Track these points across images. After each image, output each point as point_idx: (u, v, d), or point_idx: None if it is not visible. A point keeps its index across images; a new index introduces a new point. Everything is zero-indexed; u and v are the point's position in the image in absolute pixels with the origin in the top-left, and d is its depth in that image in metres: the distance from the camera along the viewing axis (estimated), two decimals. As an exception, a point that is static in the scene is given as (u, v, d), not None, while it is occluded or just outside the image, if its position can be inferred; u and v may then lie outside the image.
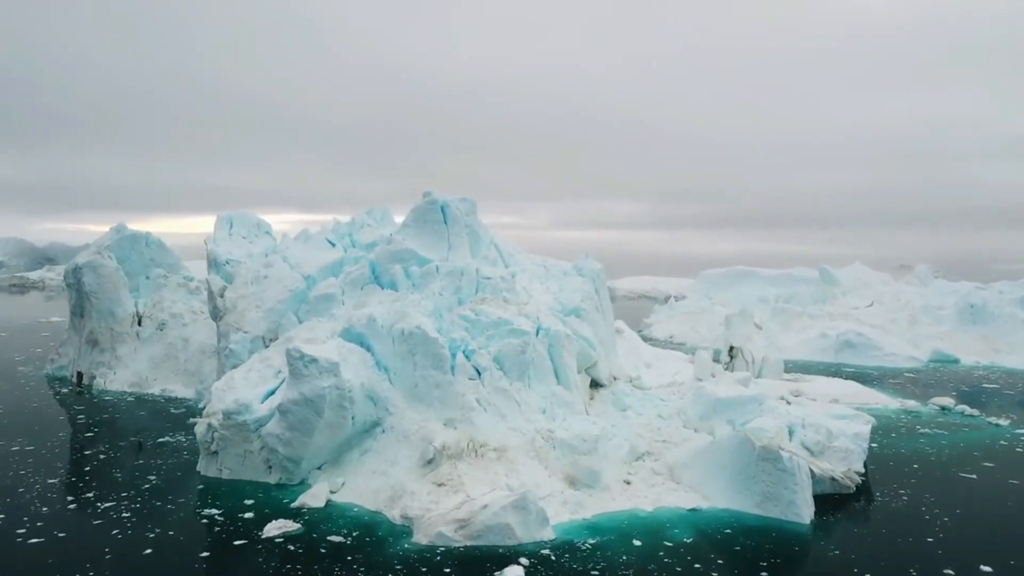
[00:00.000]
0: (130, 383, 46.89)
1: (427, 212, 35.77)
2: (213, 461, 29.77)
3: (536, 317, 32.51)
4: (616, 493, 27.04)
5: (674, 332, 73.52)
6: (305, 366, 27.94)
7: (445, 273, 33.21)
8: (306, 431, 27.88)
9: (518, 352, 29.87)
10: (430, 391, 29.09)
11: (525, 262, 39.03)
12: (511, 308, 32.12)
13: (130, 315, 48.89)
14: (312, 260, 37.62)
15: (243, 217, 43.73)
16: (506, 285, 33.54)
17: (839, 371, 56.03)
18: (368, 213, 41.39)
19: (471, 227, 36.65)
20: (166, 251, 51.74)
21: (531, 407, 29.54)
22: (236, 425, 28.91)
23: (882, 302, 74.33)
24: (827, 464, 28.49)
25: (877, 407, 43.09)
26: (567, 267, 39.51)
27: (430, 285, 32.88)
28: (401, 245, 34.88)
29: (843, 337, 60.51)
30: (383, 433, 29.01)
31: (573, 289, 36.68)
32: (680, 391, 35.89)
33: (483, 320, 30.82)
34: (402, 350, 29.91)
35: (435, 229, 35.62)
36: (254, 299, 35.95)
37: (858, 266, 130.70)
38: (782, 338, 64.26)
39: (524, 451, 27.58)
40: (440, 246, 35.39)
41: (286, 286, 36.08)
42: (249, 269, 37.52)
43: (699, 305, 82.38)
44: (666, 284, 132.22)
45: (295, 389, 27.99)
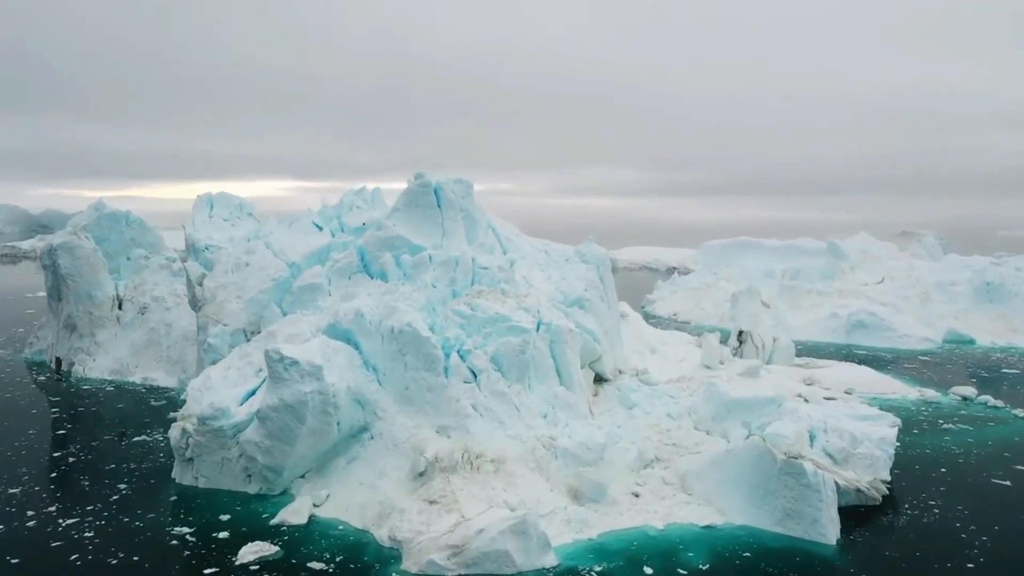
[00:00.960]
0: (110, 370, 44.69)
1: (419, 195, 33.28)
2: (188, 468, 27.61)
3: (536, 311, 30.17)
4: (624, 508, 24.89)
5: (678, 309, 71.25)
6: (285, 369, 25.65)
7: (439, 263, 30.81)
8: (287, 439, 25.67)
9: (517, 352, 27.57)
10: (422, 394, 26.83)
11: (525, 247, 36.60)
12: (509, 301, 29.76)
13: (109, 298, 46.54)
14: (297, 246, 35.18)
15: (224, 198, 41.12)
16: (504, 275, 31.15)
17: (851, 353, 53.84)
18: (357, 193, 38.85)
19: (467, 211, 34.18)
20: (147, 230, 49.21)
21: (531, 411, 27.30)
22: (212, 431, 26.70)
23: (893, 278, 71.95)
24: (852, 473, 26.34)
25: (895, 397, 40.96)
26: (569, 252, 37.08)
27: (422, 276, 30.50)
28: (391, 231, 32.43)
29: (855, 317, 58.21)
30: (371, 440, 26.81)
31: (576, 277, 34.29)
32: (690, 386, 33.67)
33: (479, 316, 28.48)
34: (392, 349, 27.61)
35: (428, 213, 33.14)
36: (235, 289, 33.58)
37: (863, 236, 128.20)
38: (790, 317, 61.99)
39: (524, 462, 25.38)
40: (433, 232, 32.94)
41: (269, 275, 33.70)
42: (230, 256, 35.10)
43: (703, 280, 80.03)
44: (667, 255, 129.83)
45: (275, 394, 25.72)
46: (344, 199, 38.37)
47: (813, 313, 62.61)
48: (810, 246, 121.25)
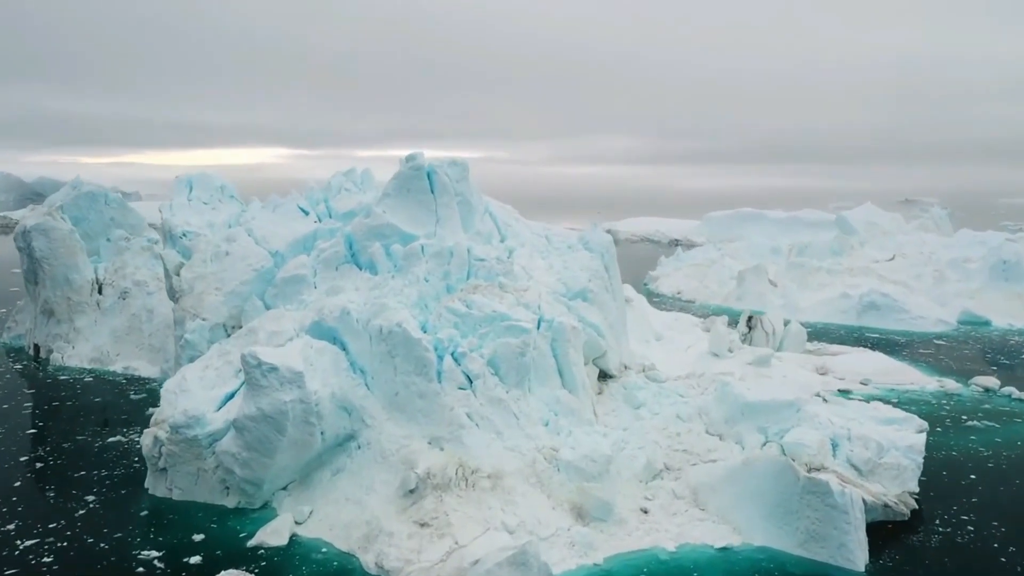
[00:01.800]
0: (90, 358, 42.62)
1: (411, 179, 30.92)
2: (162, 479, 25.61)
3: (537, 306, 27.99)
4: (632, 527, 22.91)
5: (682, 287, 69.05)
6: (263, 376, 23.52)
7: (432, 254, 28.56)
8: (266, 451, 23.61)
9: (516, 355, 25.42)
10: (413, 401, 24.73)
11: (524, 232, 34.30)
12: (508, 297, 27.56)
13: (88, 282, 44.32)
14: (281, 232, 32.90)
15: (204, 178, 38.65)
16: (502, 267, 28.92)
17: (863, 337, 51.77)
18: (346, 175, 36.45)
19: (462, 195, 31.85)
20: (128, 210, 46.83)
21: (531, 419, 25.21)
22: (186, 441, 24.65)
23: (904, 254, 69.69)
24: (878, 486, 24.35)
25: (913, 389, 38.97)
26: (572, 239, 34.78)
27: (414, 268, 28.26)
28: (381, 219, 30.14)
29: (867, 298, 56.02)
30: (359, 450, 24.77)
31: (579, 267, 32.05)
32: (700, 384, 31.54)
33: (475, 314, 26.29)
34: (381, 351, 25.47)
35: (420, 199, 30.81)
36: (214, 280, 31.36)
37: (869, 207, 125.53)
38: (799, 297, 59.85)
39: (523, 477, 23.34)
40: (426, 219, 30.65)
41: (250, 265, 31.46)
42: (209, 243, 32.82)
43: (707, 256, 77.70)
44: (669, 226, 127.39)
45: (252, 403, 23.62)
46: (332, 181, 35.98)
47: (823, 292, 60.43)
48: (816, 218, 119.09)
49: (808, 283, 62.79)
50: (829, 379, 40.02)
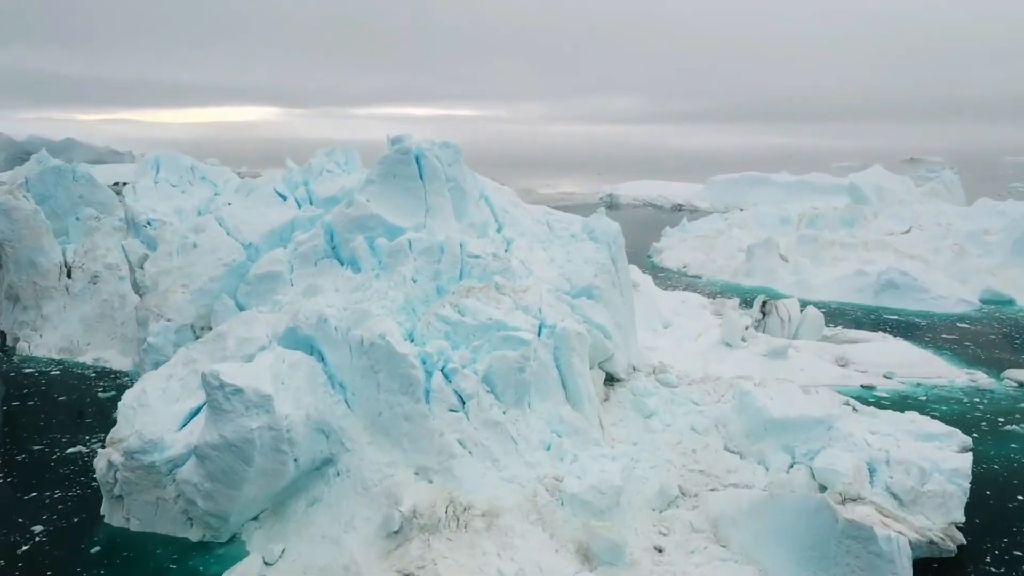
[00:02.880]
0: (59, 348, 39.79)
1: (397, 164, 27.78)
2: (119, 507, 22.91)
3: (538, 309, 25.07)
4: (646, 569, 20.23)
5: (688, 261, 66.02)
6: (226, 399, 20.67)
7: (420, 250, 25.54)
8: (231, 483, 20.87)
9: (515, 370, 22.56)
10: (397, 423, 21.93)
11: (524, 219, 31.23)
12: (505, 300, 24.60)
13: (56, 266, 41.30)
14: (255, 221, 29.83)
15: (173, 159, 35.39)
16: (499, 264, 25.94)
17: (880, 319, 48.92)
18: (328, 155, 33.23)
19: (455, 180, 28.73)
20: (97, 187, 43.61)
21: (531, 443, 22.41)
22: (142, 468, 21.88)
23: (920, 226, 66.57)
24: (922, 519, 21.66)
25: (941, 383, 36.22)
26: (575, 226, 31.70)
27: (400, 267, 25.26)
28: (364, 209, 27.06)
29: (884, 276, 53.00)
30: (337, 477, 22.03)
31: (584, 259, 29.05)
32: (717, 389, 28.76)
33: (468, 322, 23.36)
34: (362, 364, 22.60)
35: (408, 186, 27.70)
36: (180, 275, 28.38)
37: (877, 170, 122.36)
38: (812, 274, 56.87)
39: (523, 513, 20.61)
40: (415, 208, 27.57)
41: (220, 258, 28.46)
42: (176, 233, 29.76)
43: (714, 227, 74.65)
44: (673, 190, 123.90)
45: (214, 429, 20.80)
46: (313, 162, 32.78)
47: (837, 269, 57.40)
48: (823, 183, 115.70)
49: (821, 258, 59.75)
50: (850, 372, 37.29)
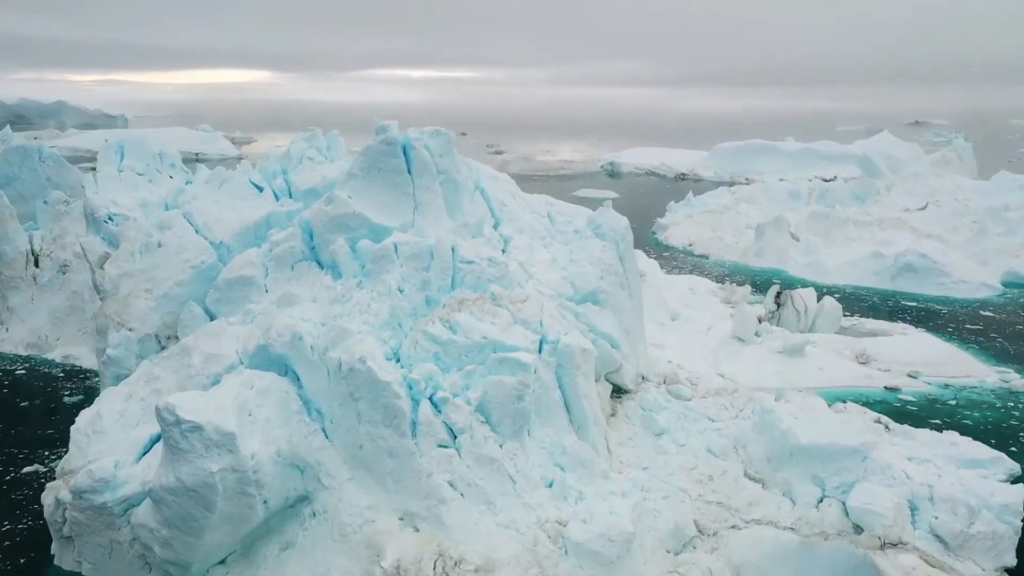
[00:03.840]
0: (26, 343, 37.29)
1: (382, 156, 24.95)
2: (69, 548, 20.50)
3: (539, 322, 22.48)
4: (660, 630, 17.88)
5: (694, 239, 63.18)
6: (183, 436, 18.13)
7: (408, 255, 22.83)
8: (191, 530, 18.41)
9: (513, 398, 20.00)
10: (380, 459, 19.44)
11: (523, 214, 28.44)
12: (502, 314, 21.97)
13: (22, 254, 38.60)
14: (227, 217, 27.05)
15: (139, 144, 32.40)
16: (496, 271, 23.25)
17: (899, 305, 46.39)
18: (308, 139, 30.33)
19: (447, 172, 25.93)
20: (66, 169, 40.71)
21: (531, 480, 19.92)
22: (93, 508, 19.42)
23: (937, 202, 63.71)
24: (971, 565, 19.29)
25: (971, 384, 33.79)
26: (579, 220, 28.91)
27: (385, 274, 22.58)
28: (345, 206, 24.29)
29: (902, 259, 50.29)
30: (313, 518, 19.60)
31: (589, 260, 26.35)
32: (735, 403, 26.26)
33: (460, 341, 20.75)
34: (341, 391, 20.06)
35: (395, 181, 24.91)
36: (143, 279, 25.68)
37: (886, 136, 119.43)
38: (825, 255, 54.15)
39: (522, 567, 18.19)
40: (402, 206, 24.81)
41: (188, 260, 25.74)
42: (139, 230, 26.99)
43: (721, 202, 71.74)
44: (676, 158, 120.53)
45: (170, 471, 18.29)
46: (292, 148, 29.89)
47: (851, 250, 54.67)
48: (831, 151, 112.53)
49: (834, 237, 57.01)
50: (872, 371, 34.81)
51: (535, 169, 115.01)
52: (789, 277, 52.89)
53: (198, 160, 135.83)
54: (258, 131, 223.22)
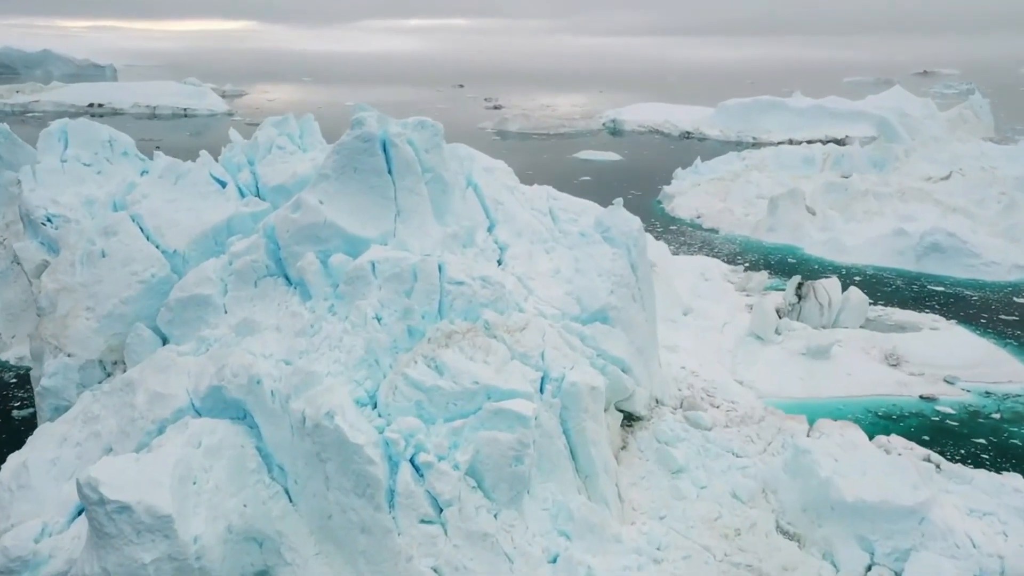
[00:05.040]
0: (-24, 342, 34.03)
1: (358, 154, 21.46)
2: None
3: (540, 355, 19.27)
4: None
5: (702, 210, 59.60)
6: (109, 519, 14.99)
7: (387, 276, 19.51)
8: (126, 625, 15.36)
9: (510, 460, 16.83)
10: (352, 535, 16.35)
11: (521, 213, 25.01)
12: (497, 348, 18.71)
13: (-27, 243, 35.11)
14: (183, 220, 23.61)
15: (86, 129, 28.69)
16: (490, 293, 19.95)
17: (924, 290, 43.15)
18: (278, 125, 26.71)
19: (434, 170, 22.47)
20: (17, 145, 36.85)
21: (531, 557, 16.85)
22: (11, 591, 16.39)
23: (961, 171, 60.05)
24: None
25: (1014, 392, 30.68)
26: (585, 219, 25.49)
27: (360, 299, 19.29)
28: (316, 215, 20.88)
29: (928, 238, 46.86)
30: (274, 601, 16.57)
31: (597, 271, 22.99)
32: (762, 434, 23.18)
33: (447, 388, 17.50)
34: (306, 449, 16.90)
35: (373, 183, 21.46)
36: (85, 295, 22.35)
37: (898, 91, 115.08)
38: (844, 232, 50.73)
39: (520, 673, 15.22)
40: (381, 212, 21.40)
41: (136, 273, 22.37)
42: (81, 236, 23.57)
43: (730, 168, 68.08)
44: (680, 116, 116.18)
45: (95, 559, 15.19)
46: (260, 135, 26.28)
47: (872, 226, 51.17)
48: (841, 108, 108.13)
49: (853, 212, 53.45)
50: (904, 376, 31.66)
51: (535, 127, 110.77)
52: (805, 256, 49.59)
53: (186, 115, 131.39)
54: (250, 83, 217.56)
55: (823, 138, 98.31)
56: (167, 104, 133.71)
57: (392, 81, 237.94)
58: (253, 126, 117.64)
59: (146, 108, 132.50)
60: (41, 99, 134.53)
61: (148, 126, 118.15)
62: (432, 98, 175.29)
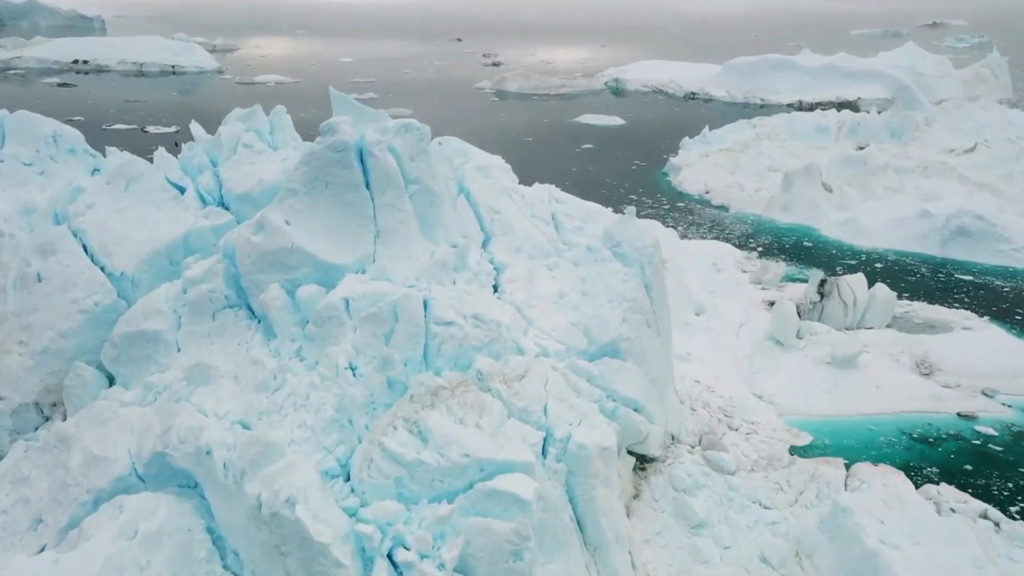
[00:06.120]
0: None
1: (330, 165, 18.42)
2: None
3: (542, 409, 16.50)
4: None
5: (711, 184, 56.36)
6: (22, 645, 12.32)
7: (363, 316, 16.65)
8: None
9: (507, 555, 14.10)
10: (319, 645, 13.71)
11: (520, 222, 21.99)
12: (492, 408, 15.86)
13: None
14: (134, 235, 20.60)
15: (27, 123, 25.38)
16: (484, 333, 17.12)
17: (951, 279, 40.28)
18: (244, 119, 23.43)
19: (420, 181, 19.46)
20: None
21: (533, 667, 14.24)
22: None
23: (987, 142, 56.67)
24: None
25: (1059, 408, 28.05)
26: (593, 229, 22.43)
27: (332, 345, 16.46)
28: (281, 238, 17.92)
29: (955, 221, 43.80)
30: None
31: (607, 294, 20.07)
32: (792, 481, 20.53)
33: (431, 465, 14.69)
34: (264, 539, 14.17)
35: (348, 199, 18.47)
36: (17, 326, 19.47)
37: (911, 49, 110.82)
38: (863, 212, 47.67)
39: None
40: (359, 233, 18.45)
41: (76, 301, 19.44)
42: (16, 254, 20.60)
43: (740, 137, 64.67)
44: (686, 75, 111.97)
45: None
46: (224, 132, 23.05)
47: (892, 205, 48.10)
48: (852, 66, 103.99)
49: (872, 188, 50.32)
50: (938, 388, 28.94)
51: (535, 87, 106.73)
52: (821, 239, 46.62)
53: (175, 73, 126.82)
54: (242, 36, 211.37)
55: (834, 99, 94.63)
56: (154, 61, 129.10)
57: (388, 34, 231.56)
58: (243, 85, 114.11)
59: (132, 65, 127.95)
60: (24, 55, 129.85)
61: (135, 84, 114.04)
62: (429, 53, 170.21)
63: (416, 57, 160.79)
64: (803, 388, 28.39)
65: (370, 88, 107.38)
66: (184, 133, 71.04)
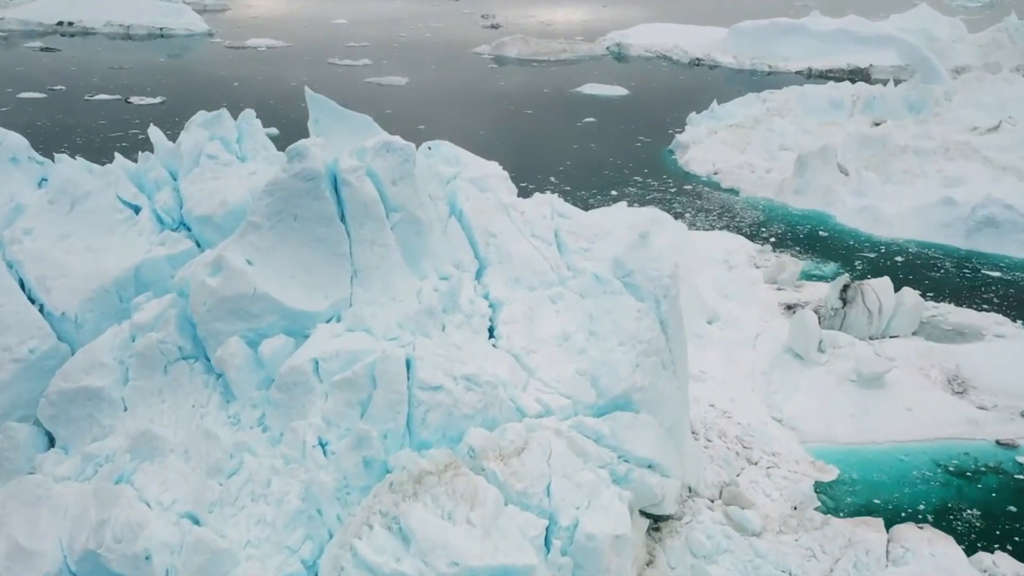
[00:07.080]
0: None
1: (298, 196, 15.82)
2: None
3: (545, 491, 14.14)
4: None
5: (719, 164, 53.44)
6: None
7: (336, 381, 14.21)
8: None
9: None
10: None
11: (519, 246, 19.39)
12: (485, 494, 13.50)
13: None
14: (79, 267, 18.02)
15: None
16: (477, 398, 14.70)
17: (978, 275, 37.78)
18: (207, 125, 20.67)
19: (405, 208, 16.87)
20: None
21: None
22: None
23: (1012, 120, 53.81)
24: None
25: (1105, 434, 25.74)
26: (602, 252, 19.87)
27: (299, 417, 14.03)
28: (242, 282, 15.38)
29: (981, 211, 41.12)
30: None
31: (618, 335, 17.57)
32: (825, 546, 18.22)
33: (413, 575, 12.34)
34: (211, 667, 11.87)
35: (320, 234, 15.91)
36: (-56, 377, 16.98)
37: (924, 10, 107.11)
38: (882, 198, 44.99)
39: None
40: (332, 273, 15.92)
41: (9, 348, 16.93)
42: (-56, 289, 18.04)
43: (750, 112, 61.68)
44: (691, 40, 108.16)
45: None
46: (185, 140, 20.33)
47: (913, 191, 45.34)
48: (864, 31, 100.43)
49: (891, 172, 47.51)
50: (973, 410, 26.61)
51: (535, 52, 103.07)
52: (838, 227, 44.00)
53: (163, 36, 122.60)
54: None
55: (845, 67, 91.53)
56: (142, 23, 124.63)
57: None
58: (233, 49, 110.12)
59: (119, 27, 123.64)
60: (5, 16, 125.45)
61: (121, 49, 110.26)
62: (425, 13, 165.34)
63: (412, 18, 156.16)
64: (826, 411, 26.09)
65: (364, 54, 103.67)
66: (170, 104, 68.04)
